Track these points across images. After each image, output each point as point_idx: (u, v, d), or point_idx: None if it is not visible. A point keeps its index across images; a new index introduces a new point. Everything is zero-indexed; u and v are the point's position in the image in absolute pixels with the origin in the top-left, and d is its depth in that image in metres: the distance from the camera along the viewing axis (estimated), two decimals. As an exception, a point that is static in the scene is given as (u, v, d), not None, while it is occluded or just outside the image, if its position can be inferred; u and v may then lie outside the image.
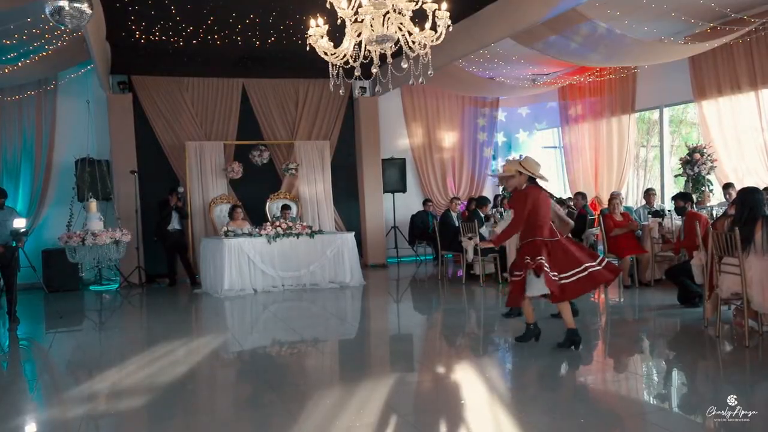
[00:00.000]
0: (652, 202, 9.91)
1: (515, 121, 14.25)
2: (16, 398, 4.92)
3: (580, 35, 8.72)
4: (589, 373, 5.18)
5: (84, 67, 10.28)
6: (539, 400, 4.42)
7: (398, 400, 4.37)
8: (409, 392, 4.59)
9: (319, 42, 5.27)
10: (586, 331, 6.56)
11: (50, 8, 5.82)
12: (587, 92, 12.52)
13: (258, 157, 11.55)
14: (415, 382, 4.87)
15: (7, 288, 7.79)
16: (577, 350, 5.42)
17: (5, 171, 10.68)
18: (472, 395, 4.51)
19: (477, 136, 13.87)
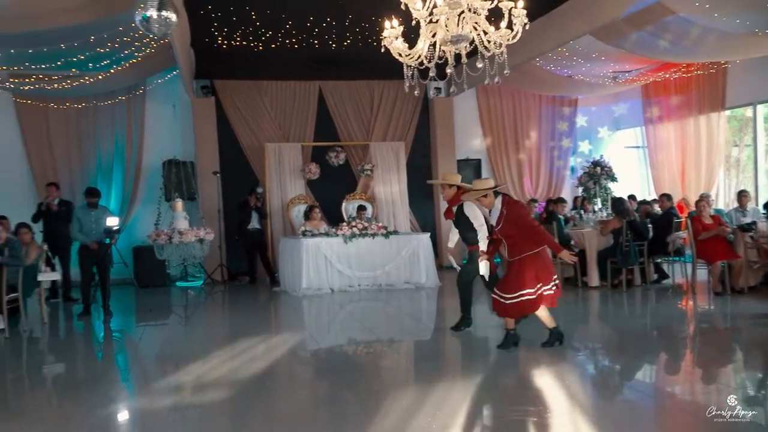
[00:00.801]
0: (745, 204, 9.36)
1: (595, 120, 13.81)
2: (109, 387, 5.20)
3: (665, 30, 8.36)
4: (675, 384, 4.95)
5: (170, 73, 10.77)
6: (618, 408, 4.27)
7: (474, 403, 4.32)
8: (484, 395, 4.54)
9: (394, 43, 5.29)
10: (673, 340, 6.30)
11: (139, 17, 6.13)
12: (673, 89, 11.98)
13: (334, 158, 11.74)
14: (491, 384, 4.80)
15: (101, 283, 8.26)
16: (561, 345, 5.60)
17: (99, 172, 11.33)
18: (550, 400, 4.41)
19: (555, 136, 13.54)
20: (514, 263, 5.46)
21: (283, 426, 4.14)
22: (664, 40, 8.64)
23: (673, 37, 8.54)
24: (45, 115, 11.10)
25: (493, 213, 5.59)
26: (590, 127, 13.83)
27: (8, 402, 4.91)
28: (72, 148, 11.26)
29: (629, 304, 8.10)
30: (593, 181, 12.55)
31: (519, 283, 5.37)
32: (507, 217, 5.45)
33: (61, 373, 5.93)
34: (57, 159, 11.18)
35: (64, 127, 11.22)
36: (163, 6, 6.10)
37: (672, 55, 9.61)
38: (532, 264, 5.39)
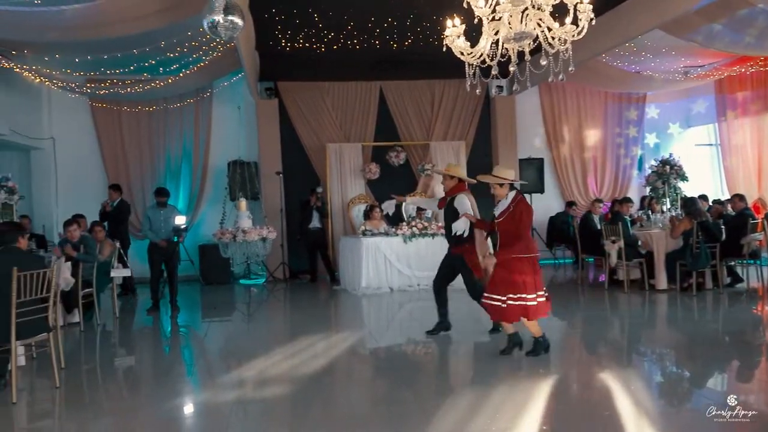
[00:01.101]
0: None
1: (665, 117, 13.32)
2: (176, 380, 5.38)
3: (741, 22, 7.98)
4: (750, 392, 4.71)
5: (235, 76, 11.05)
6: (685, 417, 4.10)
7: (534, 407, 4.24)
8: (545, 399, 4.44)
9: (455, 42, 5.25)
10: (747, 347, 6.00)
11: (207, 22, 6.31)
12: (749, 84, 11.44)
13: (395, 158, 11.77)
14: (552, 389, 4.70)
15: (169, 279, 8.55)
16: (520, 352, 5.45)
17: (168, 172, 11.74)
18: (616, 408, 4.27)
19: (622, 134, 13.14)
20: (503, 263, 5.32)
21: (342, 423, 4.17)
22: (740, 33, 8.25)
23: (751, 30, 8.14)
24: (118, 117, 11.60)
25: (500, 205, 5.52)
26: (659, 124, 13.37)
27: (83, 392, 5.15)
28: (143, 149, 11.72)
29: (699, 309, 7.77)
30: (662, 180, 12.11)
31: (514, 286, 5.24)
32: (512, 212, 5.35)
33: (132, 365, 6.17)
34: (129, 160, 11.66)
35: (136, 129, 11.69)
36: (230, 11, 6.25)
37: (748, 48, 9.16)
38: (527, 268, 5.27)
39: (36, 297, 4.81)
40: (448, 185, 6.31)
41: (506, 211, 5.39)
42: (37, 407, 4.76)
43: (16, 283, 4.59)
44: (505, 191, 5.47)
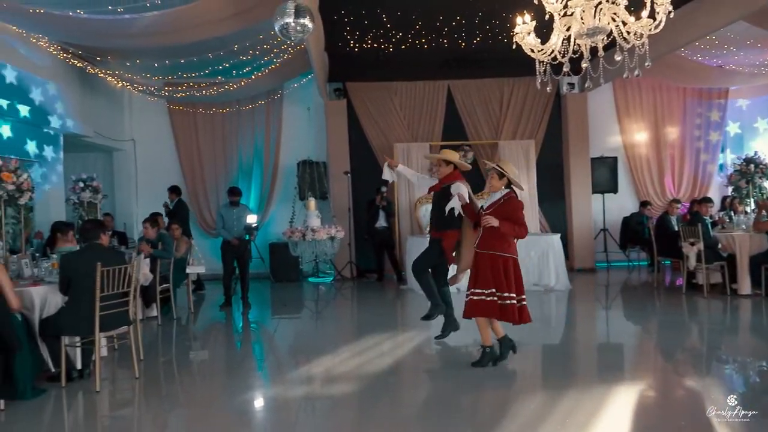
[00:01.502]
0: None
1: (749, 113, 12.67)
2: (246, 375, 5.53)
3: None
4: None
5: (305, 77, 11.25)
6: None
7: (606, 414, 4.11)
8: (617, 406, 4.30)
9: (526, 39, 5.17)
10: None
11: (278, 25, 6.45)
12: (844, 77, 10.70)
13: (462, 158, 11.66)
14: (626, 396, 4.54)
15: (241, 276, 8.80)
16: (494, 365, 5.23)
17: (240, 172, 12.08)
18: (692, 418, 4.09)
19: (702, 131, 12.57)
20: (482, 258, 5.17)
21: (408, 422, 4.17)
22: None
23: None
24: (194, 119, 12.04)
25: (490, 198, 5.41)
26: (743, 120, 12.70)
27: (160, 383, 5.37)
28: (217, 149, 12.11)
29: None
30: (746, 179, 11.49)
31: (498, 282, 5.08)
32: (501, 206, 5.21)
33: (205, 359, 6.38)
34: (204, 160, 12.07)
35: (210, 131, 12.09)
36: (300, 14, 6.37)
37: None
38: (511, 268, 5.15)
39: (117, 291, 5.05)
40: (443, 172, 6.02)
41: (496, 203, 5.27)
42: (118, 396, 5.00)
43: (100, 278, 4.83)
44: (501, 185, 5.32)
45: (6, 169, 6.34)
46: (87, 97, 10.32)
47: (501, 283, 5.07)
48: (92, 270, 4.82)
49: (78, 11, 6.91)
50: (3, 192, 6.21)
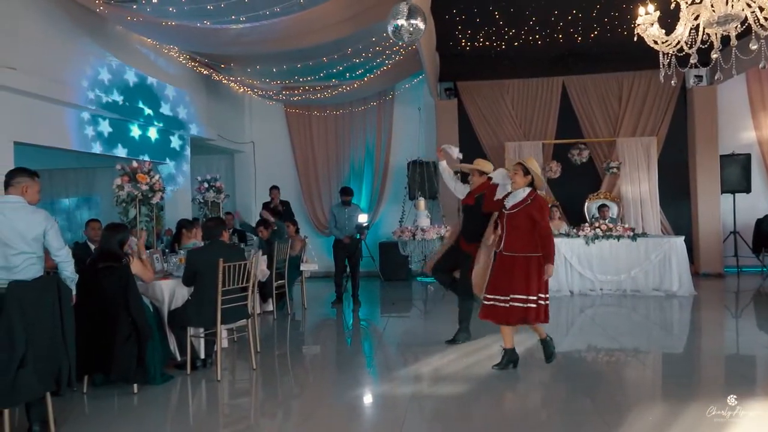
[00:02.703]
0: None
1: None
2: (356, 371, 5.65)
3: None
4: None
5: (416, 78, 11.31)
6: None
7: (732, 430, 3.81)
8: (746, 422, 3.97)
9: (648, 30, 4.91)
10: None
11: (391, 27, 6.52)
12: None
13: (577, 156, 11.26)
14: (757, 411, 4.18)
15: (352, 274, 9.00)
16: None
17: (352, 172, 12.36)
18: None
19: None
20: (505, 260, 4.93)
21: (515, 428, 4.08)
22: None
23: None
24: (309, 121, 12.47)
25: (512, 197, 5.08)
26: None
27: (275, 375, 5.60)
28: (330, 150, 12.47)
29: None
30: None
31: (520, 286, 4.84)
32: (528, 206, 4.90)
33: (317, 354, 6.59)
34: (318, 160, 12.47)
35: (324, 132, 12.47)
36: (412, 15, 6.40)
37: None
38: (535, 268, 4.85)
39: (237, 286, 5.33)
40: (475, 182, 5.99)
41: (522, 203, 4.99)
42: (237, 386, 5.28)
43: (221, 273, 5.12)
44: (525, 182, 5.04)
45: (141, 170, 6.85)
46: (212, 102, 10.97)
47: (520, 286, 4.91)
48: (215, 265, 5.11)
49: (205, 21, 7.36)
50: (138, 192, 6.71)
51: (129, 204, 6.71)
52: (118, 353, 4.69)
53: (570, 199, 11.12)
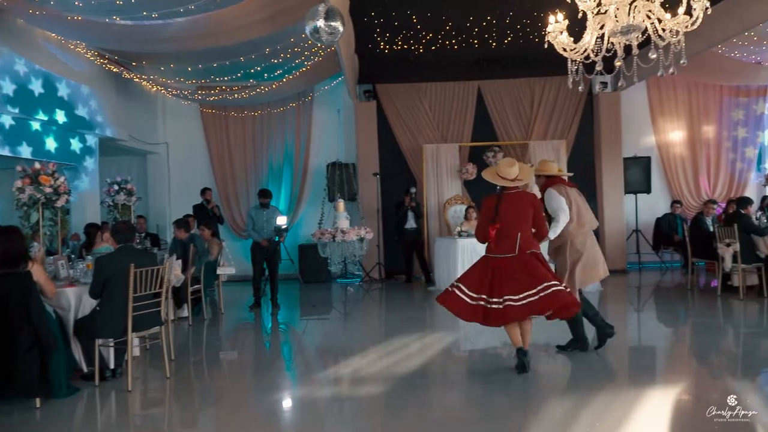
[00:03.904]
0: None
1: (789, 111, 12.32)
2: (275, 375, 5.58)
3: None
4: None
5: (335, 79, 11.30)
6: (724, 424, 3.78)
7: (637, 418, 4.03)
8: (649, 409, 4.21)
9: (558, 38, 5.12)
10: None
11: (309, 28, 6.49)
12: None
13: (492, 158, 11.58)
14: (657, 399, 4.44)
15: (270, 277, 8.87)
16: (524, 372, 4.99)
17: (270, 174, 12.19)
18: (724, 422, 3.98)
19: (739, 129, 12.27)
20: (513, 262, 4.92)
21: (435, 425, 4.15)
22: None
23: None
24: (225, 122, 12.20)
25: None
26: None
27: (191, 383, 5.44)
28: (248, 152, 12.25)
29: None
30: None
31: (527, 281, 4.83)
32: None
33: (235, 359, 6.44)
34: (235, 162, 12.22)
35: (242, 133, 12.24)
36: (331, 16, 6.39)
37: None
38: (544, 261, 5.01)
39: (150, 292, 5.13)
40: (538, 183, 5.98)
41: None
42: (149, 395, 5.08)
43: (133, 278, 4.92)
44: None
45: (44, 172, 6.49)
46: (122, 101, 10.53)
47: (531, 281, 4.82)
48: (126, 271, 4.90)
49: (114, 18, 7.05)
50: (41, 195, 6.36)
51: (31, 207, 6.34)
52: (19, 366, 4.41)
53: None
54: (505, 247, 4.90)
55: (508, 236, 4.91)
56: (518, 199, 4.99)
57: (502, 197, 4.99)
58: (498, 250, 4.94)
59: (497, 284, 4.89)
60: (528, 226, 4.99)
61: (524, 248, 4.87)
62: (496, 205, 4.97)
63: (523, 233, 4.91)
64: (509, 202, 4.96)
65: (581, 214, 5.48)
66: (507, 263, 4.88)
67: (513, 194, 5.01)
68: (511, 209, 4.94)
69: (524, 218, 4.96)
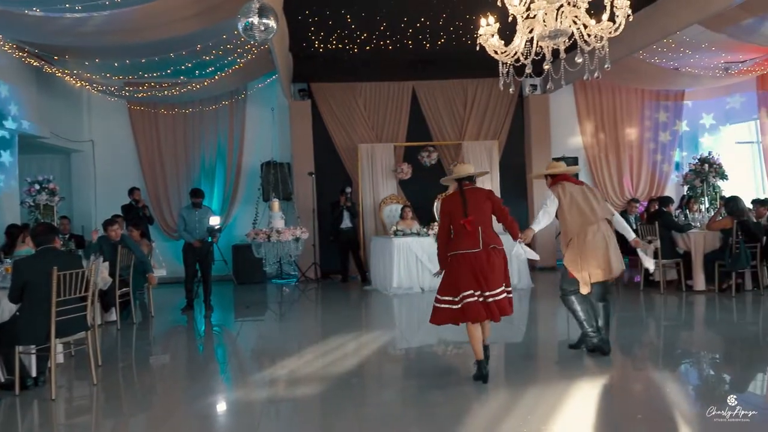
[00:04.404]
0: None
1: (703, 114, 13.02)
2: (209, 378, 5.46)
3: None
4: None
5: (269, 78, 11.15)
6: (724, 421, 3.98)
7: (566, 408, 4.18)
8: (577, 401, 4.37)
9: (489, 41, 5.22)
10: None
11: (242, 25, 6.38)
12: (793, 80, 11.10)
13: (426, 158, 11.73)
14: (585, 391, 4.62)
15: (203, 279, 8.68)
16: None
17: (203, 174, 11.92)
18: (649, 411, 4.18)
19: (658, 131, 12.89)
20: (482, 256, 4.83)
21: (373, 423, 4.17)
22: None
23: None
24: (155, 120, 11.84)
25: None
26: (698, 121, 13.07)
27: (119, 389, 5.25)
28: (179, 150, 11.93)
29: (739, 310, 7.56)
30: (700, 179, 11.83)
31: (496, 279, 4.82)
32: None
33: (166, 363, 6.27)
34: (165, 161, 11.88)
35: (172, 131, 11.91)
36: (264, 13, 6.31)
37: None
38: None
39: (75, 296, 4.92)
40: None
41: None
42: (74, 404, 4.88)
43: (56, 282, 4.70)
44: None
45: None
46: (43, 97, 10.04)
47: (496, 280, 4.80)
48: (47, 275, 4.68)
49: (34, 9, 6.71)
50: (-47, 194, 6.00)
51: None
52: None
53: (421, 200, 11.54)
54: (469, 242, 4.78)
55: (473, 231, 4.80)
56: (476, 192, 4.95)
57: (464, 192, 4.93)
58: (462, 246, 4.79)
59: (471, 280, 4.77)
60: (489, 220, 4.92)
61: (487, 243, 4.79)
62: (462, 200, 4.86)
63: (484, 228, 4.83)
64: (470, 196, 4.90)
65: (581, 211, 5.34)
66: (473, 258, 4.77)
67: (470, 189, 4.96)
68: (473, 203, 4.86)
69: (484, 212, 4.88)
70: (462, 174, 5.00)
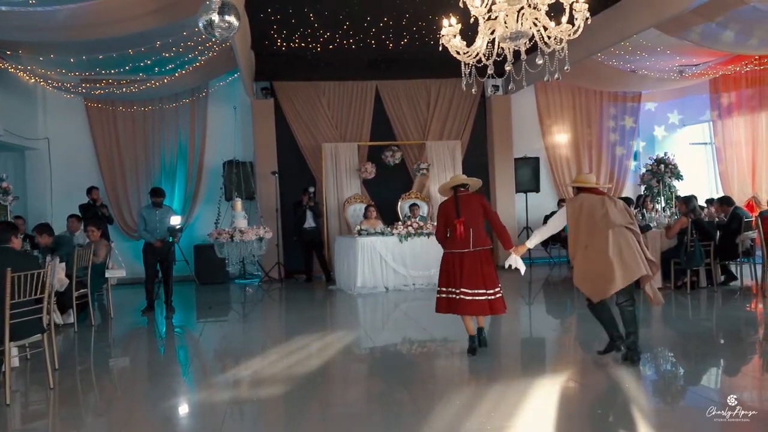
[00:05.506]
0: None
1: (659, 116, 13.38)
2: (171, 381, 5.37)
3: (737, 21, 8.00)
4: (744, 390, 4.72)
5: (231, 76, 11.03)
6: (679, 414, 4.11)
7: (529, 406, 4.24)
8: (539, 398, 4.45)
9: (451, 41, 5.25)
10: (740, 345, 6.03)
11: (203, 22, 6.30)
12: (744, 83, 11.50)
13: (390, 158, 11.76)
14: (546, 388, 4.70)
15: (164, 280, 8.53)
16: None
17: (163, 173, 11.72)
18: (609, 406, 4.28)
19: (617, 133, 13.19)
20: (475, 256, 5.52)
21: (338, 423, 4.16)
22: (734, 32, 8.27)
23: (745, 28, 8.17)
24: (113, 117, 11.59)
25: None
26: (654, 123, 13.42)
27: (77, 393, 5.13)
28: (138, 149, 11.71)
29: (693, 307, 7.79)
30: (657, 179, 12.15)
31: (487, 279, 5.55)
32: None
33: (126, 366, 6.15)
34: (124, 160, 11.64)
35: (131, 129, 11.68)
36: (225, 10, 6.24)
37: (744, 47, 9.19)
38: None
39: (30, 298, 4.78)
40: None
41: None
42: (31, 408, 4.75)
43: (10, 283, 4.56)
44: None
45: None
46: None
47: (488, 279, 5.47)
48: (2, 275, 4.54)
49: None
50: None
51: None
52: None
53: (385, 199, 11.57)
54: (460, 243, 5.40)
55: (465, 232, 5.42)
56: (470, 199, 5.55)
57: (459, 198, 5.53)
58: (454, 246, 5.44)
59: (457, 277, 5.40)
60: (481, 224, 5.50)
61: (477, 244, 5.41)
62: (456, 204, 5.49)
63: (475, 230, 5.42)
64: (463, 201, 5.50)
65: (590, 222, 5.25)
66: (461, 258, 5.41)
67: (465, 195, 5.57)
68: (466, 207, 5.47)
69: (477, 216, 5.47)
70: (457, 182, 5.64)
